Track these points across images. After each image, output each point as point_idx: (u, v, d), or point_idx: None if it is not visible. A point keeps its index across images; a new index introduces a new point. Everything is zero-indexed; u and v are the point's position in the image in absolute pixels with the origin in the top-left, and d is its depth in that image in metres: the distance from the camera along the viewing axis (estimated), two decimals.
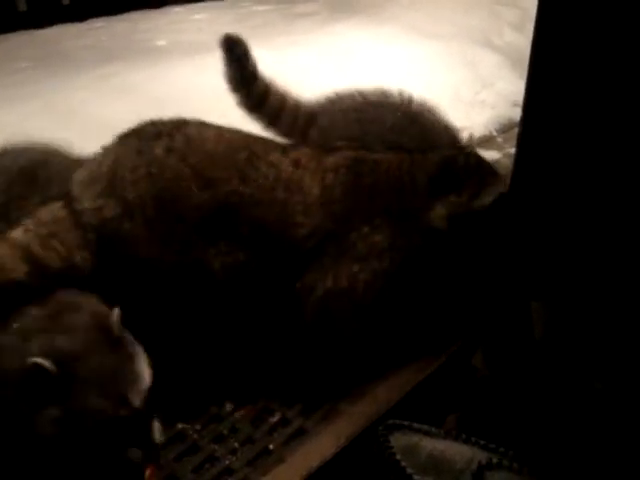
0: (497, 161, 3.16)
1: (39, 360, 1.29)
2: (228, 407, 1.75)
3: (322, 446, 1.57)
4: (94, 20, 4.52)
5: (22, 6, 4.34)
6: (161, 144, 1.63)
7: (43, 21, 4.30)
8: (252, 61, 2.29)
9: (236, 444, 1.65)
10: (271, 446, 1.64)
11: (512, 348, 1.71)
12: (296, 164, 1.71)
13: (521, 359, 1.66)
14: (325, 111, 2.31)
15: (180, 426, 1.69)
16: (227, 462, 1.60)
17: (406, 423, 1.37)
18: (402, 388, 1.74)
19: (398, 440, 1.30)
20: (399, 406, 1.68)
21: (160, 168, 1.60)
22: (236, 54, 2.27)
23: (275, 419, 1.72)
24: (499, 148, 3.29)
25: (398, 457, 1.26)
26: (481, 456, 1.29)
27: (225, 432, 1.68)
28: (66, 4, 4.56)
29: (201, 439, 1.66)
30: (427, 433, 1.36)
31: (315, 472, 1.50)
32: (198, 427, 1.69)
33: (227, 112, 2.97)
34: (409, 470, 1.24)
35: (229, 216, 1.63)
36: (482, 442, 1.36)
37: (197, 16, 4.68)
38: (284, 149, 1.77)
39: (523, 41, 4.09)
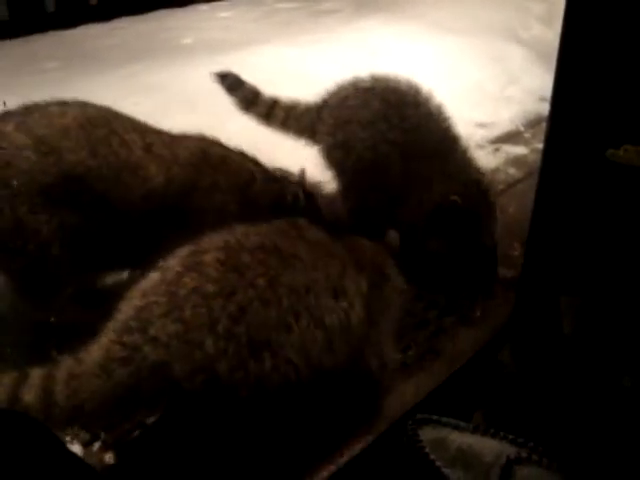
0: (524, 157, 3.14)
1: None
2: None
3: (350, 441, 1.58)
4: (120, 20, 4.56)
5: (50, 7, 4.39)
6: (15, 120, 1.73)
7: (71, 22, 4.35)
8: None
9: None
10: None
11: (541, 343, 1.70)
12: (148, 149, 1.79)
13: (550, 354, 1.65)
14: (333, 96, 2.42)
15: None
16: None
17: (435, 417, 1.37)
18: (431, 383, 1.74)
19: (427, 434, 1.31)
20: (426, 402, 1.68)
21: (3, 140, 1.69)
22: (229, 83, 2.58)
23: None
24: (526, 143, 3.26)
25: (427, 450, 1.26)
26: (510, 450, 1.29)
27: None
28: (93, 4, 4.60)
29: None
30: (456, 427, 1.36)
31: (344, 467, 1.51)
32: None
33: None
34: (438, 463, 1.24)
35: (73, 185, 1.71)
36: (511, 436, 1.36)
37: (222, 14, 4.70)
38: (144, 132, 1.85)
39: (550, 34, 4.06)
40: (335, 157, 2.35)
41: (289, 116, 2.50)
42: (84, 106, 1.85)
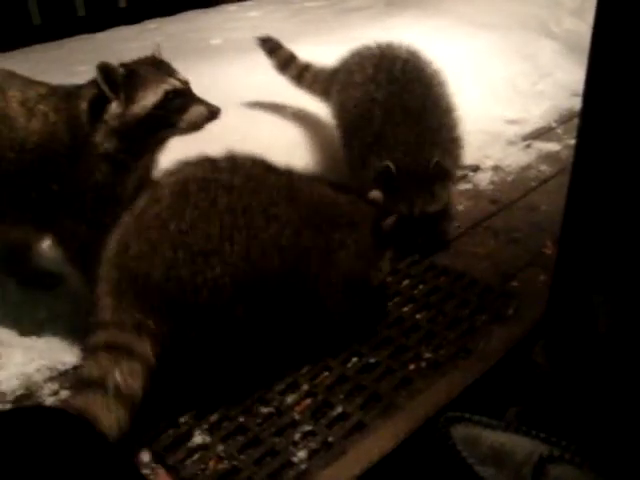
0: (557, 153, 3.11)
1: None
2: (289, 400, 1.77)
3: (382, 440, 1.58)
4: (149, 21, 4.59)
5: (81, 11, 4.44)
6: None
7: (101, 25, 4.40)
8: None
9: (297, 437, 1.66)
10: (331, 439, 1.65)
11: (575, 343, 1.68)
12: (23, 104, 1.89)
13: (584, 354, 1.63)
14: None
15: (242, 419, 1.71)
16: (288, 455, 1.62)
17: (467, 415, 1.37)
18: (462, 382, 1.73)
19: (459, 432, 1.30)
20: (459, 400, 1.67)
21: None
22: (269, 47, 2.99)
23: (335, 413, 1.73)
24: (558, 139, 3.23)
25: (459, 448, 1.26)
26: (542, 449, 1.28)
27: (286, 426, 1.70)
28: (122, 7, 4.65)
29: (262, 432, 1.68)
30: (487, 425, 1.35)
31: (375, 465, 1.51)
32: (259, 420, 1.71)
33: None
34: (470, 460, 1.23)
35: None
36: (543, 435, 1.34)
37: (251, 14, 4.70)
38: (25, 86, 1.94)
39: (583, 28, 4.00)
40: (336, 116, 2.68)
41: (315, 80, 2.88)
42: None
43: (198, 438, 1.67)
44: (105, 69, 1.82)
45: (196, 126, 1.89)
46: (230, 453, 1.63)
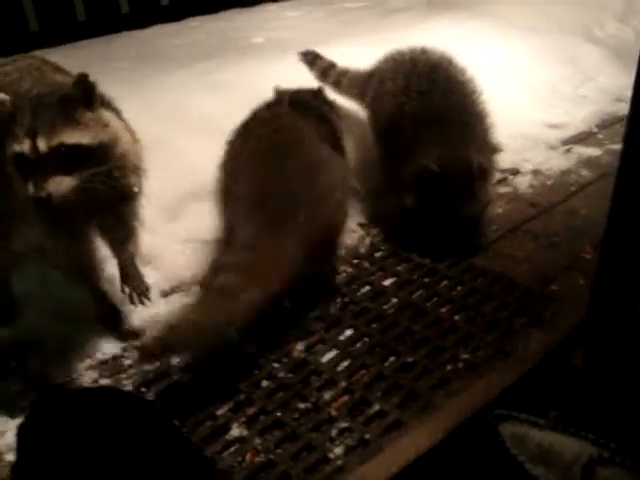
0: (597, 158, 3.07)
1: None
2: (326, 397, 1.78)
3: (419, 438, 1.58)
4: (191, 19, 4.63)
5: (125, 8, 4.49)
6: None
7: (144, 22, 4.45)
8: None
9: (333, 433, 1.67)
10: (367, 436, 1.66)
11: (616, 348, 1.66)
12: None
13: (625, 359, 1.62)
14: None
15: (279, 414, 1.73)
16: (324, 450, 1.63)
17: (514, 413, 1.36)
18: (500, 384, 1.72)
19: (507, 429, 1.29)
20: (497, 402, 1.66)
21: None
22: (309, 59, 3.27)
23: (372, 411, 1.74)
24: (600, 145, 3.19)
25: (508, 445, 1.25)
26: (591, 450, 1.26)
27: (323, 422, 1.71)
28: (165, 4, 4.69)
29: (299, 427, 1.69)
30: (535, 424, 1.34)
31: (412, 463, 1.51)
32: (296, 415, 1.73)
33: None
34: (520, 458, 1.22)
35: None
36: (591, 437, 1.33)
37: (290, 13, 4.72)
38: None
39: (628, 33, 3.97)
40: (370, 121, 2.75)
41: (352, 84, 2.97)
42: None
43: (235, 431, 1.69)
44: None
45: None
46: (267, 447, 1.64)
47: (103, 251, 2.03)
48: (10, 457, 1.64)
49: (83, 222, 1.88)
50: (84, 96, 1.73)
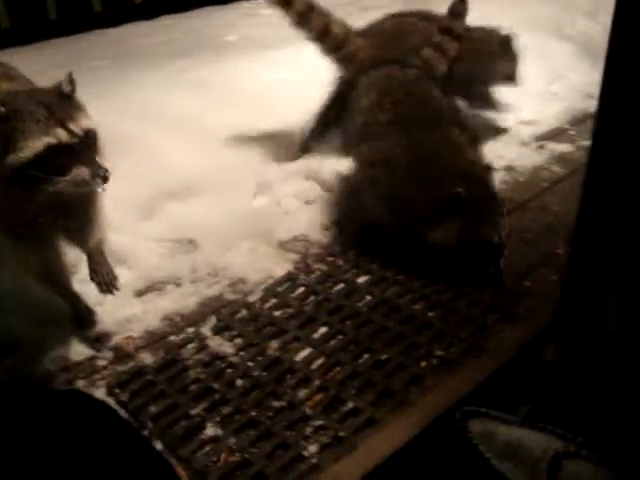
0: (570, 154, 3.11)
1: None
2: (300, 395, 1.78)
3: (393, 435, 1.59)
4: (165, 17, 4.61)
5: (97, 7, 4.45)
6: None
7: (117, 20, 4.42)
8: None
9: (308, 431, 1.68)
10: (342, 434, 1.66)
11: (587, 342, 1.69)
12: None
13: (596, 353, 1.64)
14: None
15: (253, 413, 1.73)
16: (299, 449, 1.63)
17: (483, 410, 1.37)
18: (473, 380, 1.74)
19: (475, 426, 1.31)
20: (470, 398, 1.68)
21: None
22: None
23: (346, 408, 1.74)
24: (571, 141, 3.22)
25: (476, 442, 1.26)
26: (558, 445, 1.28)
27: (297, 420, 1.71)
28: (138, 3, 4.66)
29: (273, 425, 1.69)
30: (504, 420, 1.35)
31: (387, 460, 1.52)
32: (271, 414, 1.73)
33: (294, 106, 3.01)
34: (487, 455, 1.23)
35: None
36: (559, 431, 1.34)
37: (265, 11, 4.71)
38: None
39: (596, 30, 4.00)
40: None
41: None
42: None
43: (210, 430, 1.69)
44: None
45: (76, 189, 1.64)
46: (242, 446, 1.64)
47: (75, 252, 2.02)
48: None
49: (52, 222, 1.81)
50: (73, 91, 1.71)
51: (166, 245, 2.37)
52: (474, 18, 4.00)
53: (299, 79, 3.21)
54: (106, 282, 1.94)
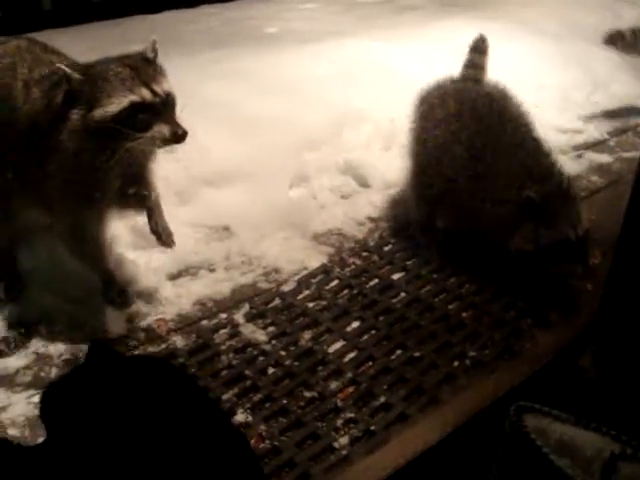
0: (609, 165, 3.07)
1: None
2: (332, 387, 1.77)
3: (427, 432, 1.58)
4: (207, 6, 4.63)
5: None
6: None
7: (159, 6, 4.44)
8: None
9: (339, 423, 1.67)
10: (373, 428, 1.65)
11: (625, 350, 1.66)
12: (26, 84, 1.84)
13: (634, 362, 1.62)
14: None
15: (284, 401, 1.72)
16: (329, 440, 1.62)
17: (537, 406, 1.35)
18: (509, 382, 1.72)
19: (530, 421, 1.28)
20: (505, 400, 1.66)
21: None
22: None
23: (377, 403, 1.74)
24: (611, 152, 3.17)
25: (533, 436, 1.24)
26: (613, 446, 1.26)
27: (328, 411, 1.71)
28: None
29: (304, 415, 1.69)
30: (557, 418, 1.32)
31: (419, 456, 1.51)
32: (302, 404, 1.72)
33: (333, 99, 3.01)
34: (545, 450, 1.21)
35: None
36: (614, 433, 1.32)
37: (307, 5, 4.71)
38: (35, 62, 1.89)
39: None
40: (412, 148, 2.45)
41: None
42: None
43: (240, 416, 1.69)
44: (65, 75, 1.72)
45: (156, 146, 1.77)
46: (272, 433, 1.64)
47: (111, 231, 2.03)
48: (13, 431, 1.64)
49: (118, 183, 1.87)
50: (156, 57, 1.84)
51: (201, 231, 2.38)
52: (516, 24, 4.00)
53: (338, 72, 3.20)
54: (167, 232, 2.00)
